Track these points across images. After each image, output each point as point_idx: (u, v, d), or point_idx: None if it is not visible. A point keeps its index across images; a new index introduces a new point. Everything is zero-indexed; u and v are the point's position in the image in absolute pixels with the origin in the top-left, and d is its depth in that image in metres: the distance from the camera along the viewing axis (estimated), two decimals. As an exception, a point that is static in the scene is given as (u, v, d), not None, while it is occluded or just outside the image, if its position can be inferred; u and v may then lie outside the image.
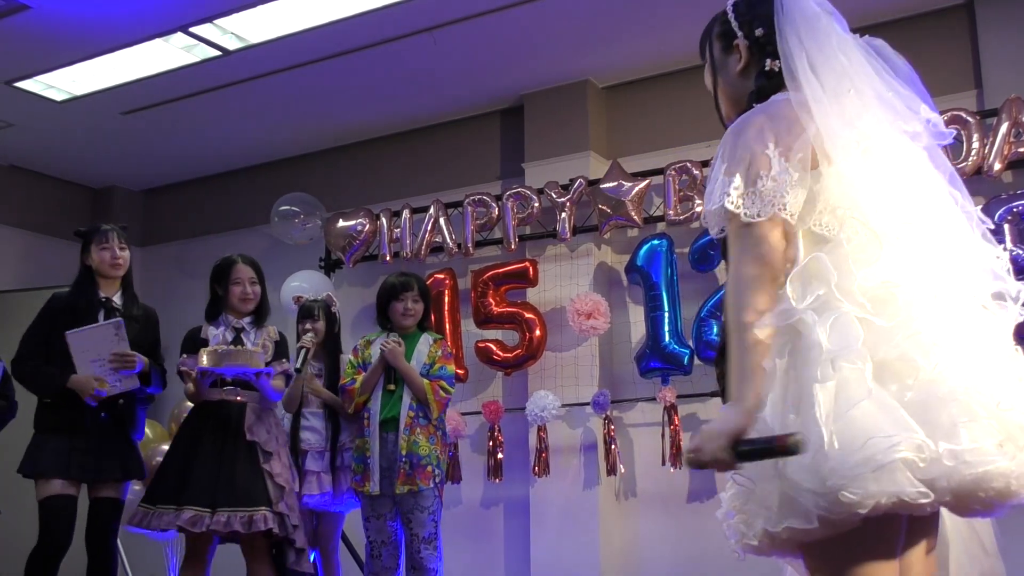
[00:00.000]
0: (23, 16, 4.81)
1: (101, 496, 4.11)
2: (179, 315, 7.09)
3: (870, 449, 1.53)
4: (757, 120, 1.83)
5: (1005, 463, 1.57)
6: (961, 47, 4.85)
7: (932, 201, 1.82)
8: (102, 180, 7.41)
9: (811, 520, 1.57)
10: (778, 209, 1.73)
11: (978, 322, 1.74)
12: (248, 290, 4.19)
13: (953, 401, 1.59)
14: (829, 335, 1.64)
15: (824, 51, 1.89)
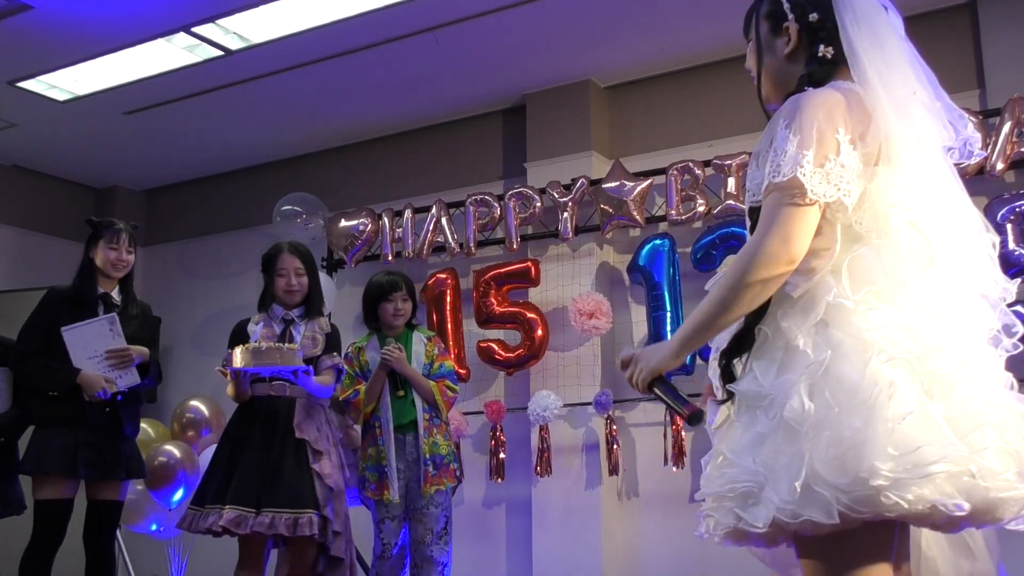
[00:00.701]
0: (25, 16, 4.81)
1: (101, 498, 4.11)
2: (180, 315, 7.13)
3: (920, 456, 1.55)
4: (829, 100, 1.79)
5: (1019, 491, 1.61)
6: (964, 47, 4.85)
7: (964, 221, 1.83)
8: (104, 180, 7.42)
9: (832, 515, 1.58)
10: (843, 194, 1.72)
11: (986, 353, 1.77)
12: (293, 281, 4.00)
13: (983, 424, 1.61)
14: (879, 334, 1.65)
15: (884, 49, 1.87)
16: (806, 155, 1.72)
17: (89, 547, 4.11)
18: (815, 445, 1.61)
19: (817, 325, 1.72)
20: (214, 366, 6.94)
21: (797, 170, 1.71)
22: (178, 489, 5.35)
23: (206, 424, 5.86)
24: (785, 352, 1.74)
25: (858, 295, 1.70)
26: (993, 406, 1.66)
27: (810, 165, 1.71)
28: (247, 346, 3.76)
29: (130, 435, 4.22)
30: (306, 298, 4.04)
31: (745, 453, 1.72)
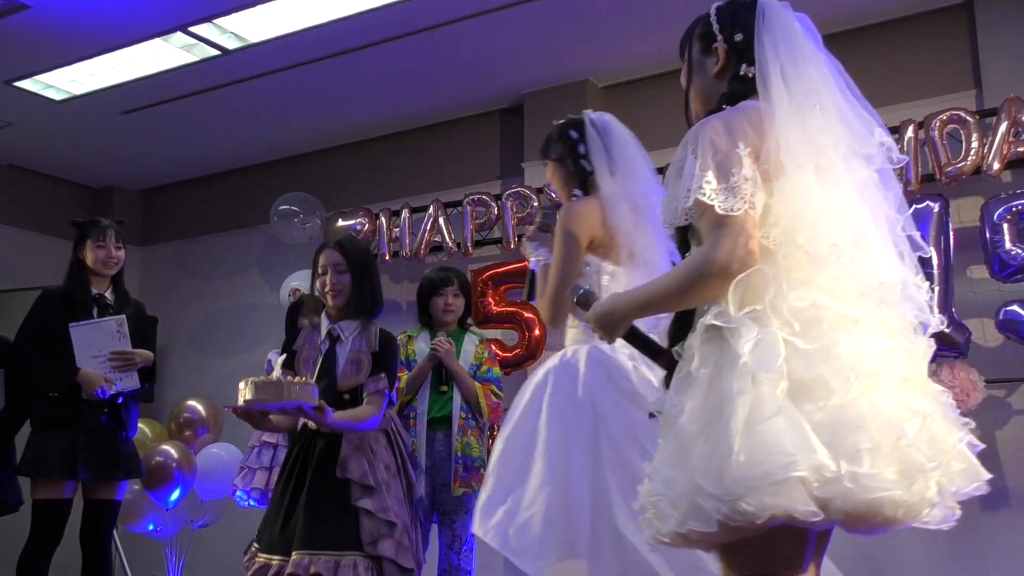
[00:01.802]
0: (23, 15, 4.81)
1: (98, 498, 4.11)
2: (177, 314, 7.13)
3: (770, 464, 1.59)
4: (729, 119, 1.87)
5: (899, 492, 1.63)
6: (960, 47, 4.85)
7: (872, 226, 1.87)
8: (101, 179, 7.42)
9: (711, 524, 1.64)
10: (749, 207, 1.79)
11: (899, 353, 1.79)
12: (332, 279, 3.33)
13: (860, 428, 1.64)
14: (754, 350, 1.71)
15: (797, 64, 1.93)
16: (706, 176, 1.80)
17: (86, 547, 4.12)
18: (699, 459, 1.68)
19: (707, 343, 1.80)
20: (211, 366, 7.01)
21: (699, 192, 1.80)
22: (175, 489, 5.34)
23: (203, 424, 5.86)
24: (689, 370, 1.82)
25: (742, 312, 1.76)
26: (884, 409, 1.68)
27: (710, 185, 1.79)
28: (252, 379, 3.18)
29: (128, 436, 4.23)
30: (350, 300, 3.36)
31: (661, 468, 1.79)
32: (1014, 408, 4.47)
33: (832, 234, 1.80)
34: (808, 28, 2.02)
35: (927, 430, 1.71)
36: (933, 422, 1.75)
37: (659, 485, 1.77)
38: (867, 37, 5.08)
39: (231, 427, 6.03)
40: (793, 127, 1.86)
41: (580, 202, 2.87)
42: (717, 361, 1.76)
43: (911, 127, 4.51)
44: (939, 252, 4.32)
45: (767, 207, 1.82)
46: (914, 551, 4.59)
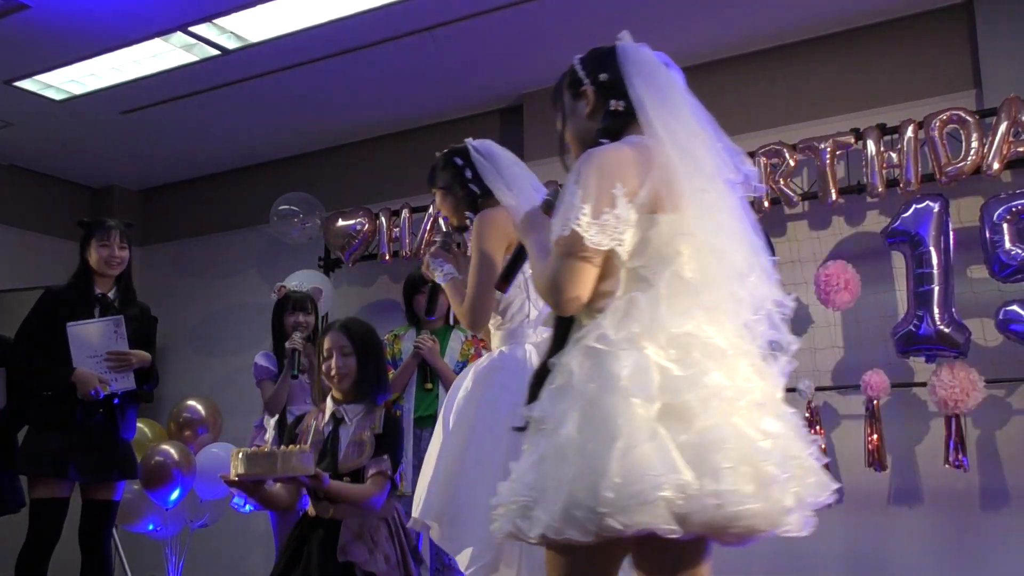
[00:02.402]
0: (22, 15, 4.80)
1: (95, 498, 4.11)
2: (177, 314, 7.13)
3: (641, 485, 1.72)
4: (611, 156, 1.99)
5: (756, 504, 1.76)
6: (960, 47, 4.85)
7: (745, 251, 2.02)
8: (101, 179, 7.42)
9: (588, 535, 1.77)
10: (616, 244, 1.93)
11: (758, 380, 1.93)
12: (338, 363, 3.28)
13: (720, 449, 1.78)
14: (632, 374, 1.84)
15: (662, 98, 2.06)
16: (584, 209, 1.93)
17: (85, 547, 4.12)
18: (577, 471, 1.79)
19: (587, 361, 1.91)
20: (211, 366, 7.01)
21: (576, 224, 1.93)
22: (174, 489, 5.34)
23: (202, 424, 5.86)
24: (566, 383, 1.93)
25: (620, 335, 1.89)
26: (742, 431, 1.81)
27: (587, 218, 1.92)
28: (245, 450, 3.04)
29: (126, 437, 4.23)
30: (356, 383, 3.29)
31: (528, 472, 1.90)
32: (1014, 408, 4.47)
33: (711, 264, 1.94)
34: (671, 66, 2.16)
35: (780, 448, 1.84)
36: (787, 440, 1.89)
37: (525, 488, 1.89)
38: (867, 37, 5.08)
39: (231, 427, 6.04)
40: (681, 162, 1.98)
41: (493, 211, 3.00)
42: (598, 379, 1.87)
43: (911, 127, 4.51)
44: (939, 252, 4.32)
45: (647, 239, 1.95)
46: (914, 551, 4.59)
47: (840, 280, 4.51)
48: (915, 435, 4.65)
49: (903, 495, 4.65)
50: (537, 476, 1.87)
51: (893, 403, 4.62)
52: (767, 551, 4.91)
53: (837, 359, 4.87)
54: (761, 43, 5.32)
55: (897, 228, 4.44)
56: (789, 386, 4.69)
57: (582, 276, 1.96)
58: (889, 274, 4.77)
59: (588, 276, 1.96)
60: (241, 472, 2.94)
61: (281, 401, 4.40)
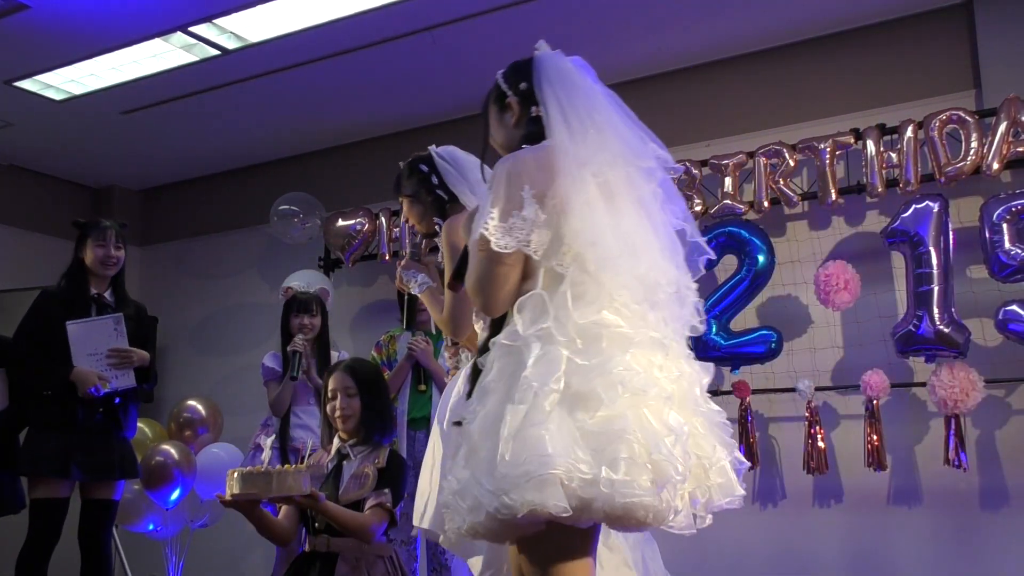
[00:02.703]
0: (22, 16, 4.81)
1: (95, 498, 4.12)
2: (178, 314, 7.13)
3: (530, 464, 1.79)
4: (520, 162, 2.09)
5: (649, 499, 1.82)
6: (960, 47, 4.86)
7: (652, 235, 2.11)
8: (101, 179, 7.42)
9: (481, 515, 1.85)
10: (522, 245, 2.02)
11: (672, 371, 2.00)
12: (342, 404, 3.30)
13: (622, 439, 1.83)
14: (537, 364, 1.92)
15: (572, 97, 2.17)
16: (492, 212, 2.03)
17: (84, 547, 4.13)
18: (482, 460, 1.90)
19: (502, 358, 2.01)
20: (211, 366, 7.01)
21: (484, 228, 2.04)
22: (175, 489, 5.34)
23: (203, 424, 5.86)
24: (486, 381, 2.03)
25: (530, 331, 1.97)
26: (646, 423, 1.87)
27: (495, 222, 2.02)
28: (240, 470, 3.02)
29: (126, 437, 4.23)
30: (360, 424, 3.31)
31: (455, 469, 2.00)
32: (1013, 408, 4.48)
33: (611, 248, 2.01)
34: (583, 66, 2.30)
35: (682, 446, 1.88)
36: (694, 439, 1.96)
37: (453, 483, 1.98)
38: (867, 37, 5.08)
39: (231, 427, 6.04)
40: (571, 157, 2.06)
41: (461, 215, 3.03)
42: (511, 375, 1.95)
43: (910, 127, 4.51)
44: (938, 252, 4.32)
45: (560, 236, 2.03)
46: (914, 551, 4.59)
47: (840, 280, 4.51)
48: (915, 435, 4.66)
49: (903, 495, 4.65)
50: (459, 472, 1.97)
51: (893, 403, 4.62)
52: (767, 551, 4.92)
53: (837, 359, 4.87)
54: (761, 43, 5.32)
55: (897, 228, 4.44)
56: (788, 386, 4.74)
57: (499, 277, 2.06)
58: (889, 274, 4.78)
59: (504, 277, 2.06)
60: (236, 492, 2.92)
61: (284, 403, 4.45)
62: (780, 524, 4.91)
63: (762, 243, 4.77)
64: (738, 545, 4.97)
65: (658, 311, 2.06)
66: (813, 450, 4.59)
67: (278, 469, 2.95)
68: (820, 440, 4.61)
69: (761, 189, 4.84)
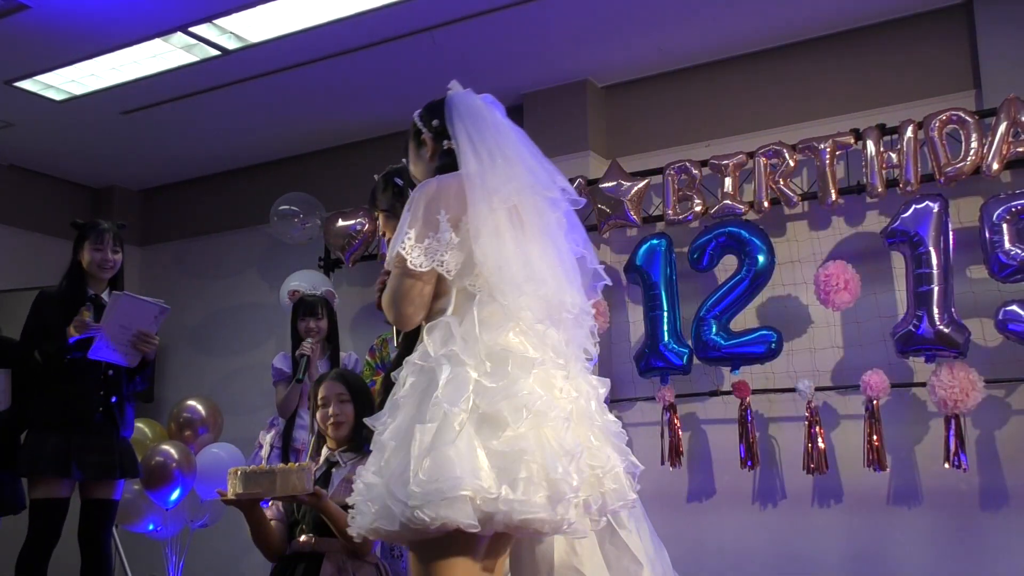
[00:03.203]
0: (23, 16, 4.81)
1: (95, 498, 4.12)
2: (178, 314, 7.11)
3: (442, 484, 1.94)
4: (437, 187, 2.25)
5: (544, 514, 1.99)
6: (960, 47, 4.86)
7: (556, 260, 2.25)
8: (101, 180, 7.42)
9: (395, 525, 2.01)
10: (437, 265, 2.16)
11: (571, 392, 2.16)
12: (335, 410, 3.30)
13: (522, 460, 1.99)
14: (447, 385, 2.06)
15: (481, 132, 2.32)
16: (409, 234, 2.18)
17: (84, 546, 4.12)
18: (393, 470, 2.04)
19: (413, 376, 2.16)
20: (211, 366, 7.01)
21: (401, 247, 2.18)
22: (175, 489, 5.34)
23: (203, 424, 5.86)
24: (397, 396, 2.18)
25: (440, 352, 2.11)
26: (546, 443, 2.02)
27: (411, 242, 2.17)
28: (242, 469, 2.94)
29: (125, 436, 4.23)
30: (353, 431, 3.31)
31: (365, 473, 2.14)
32: (1013, 408, 4.48)
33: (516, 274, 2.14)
34: (492, 103, 2.46)
35: (576, 464, 2.06)
36: (589, 452, 2.14)
37: (362, 486, 2.12)
38: (867, 37, 5.08)
39: (231, 427, 6.04)
40: (478, 186, 2.21)
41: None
42: (422, 392, 2.10)
43: (910, 127, 4.51)
44: (938, 252, 4.33)
45: (471, 259, 2.16)
46: (914, 551, 4.59)
47: (840, 280, 4.51)
48: (915, 435, 4.66)
49: (903, 495, 4.65)
50: (369, 477, 2.11)
51: (893, 403, 4.62)
52: (767, 550, 4.92)
53: (837, 359, 4.87)
54: (760, 44, 5.32)
55: (897, 228, 4.44)
56: (788, 386, 4.74)
57: (412, 294, 2.21)
58: (889, 274, 4.78)
59: (417, 294, 2.21)
60: (240, 491, 2.87)
61: (290, 406, 4.46)
62: (780, 524, 4.91)
63: (762, 243, 4.77)
64: (738, 545, 4.97)
65: (561, 332, 2.21)
66: (813, 450, 4.59)
67: (281, 467, 2.92)
68: (820, 440, 4.61)
69: (761, 189, 4.84)
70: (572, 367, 2.22)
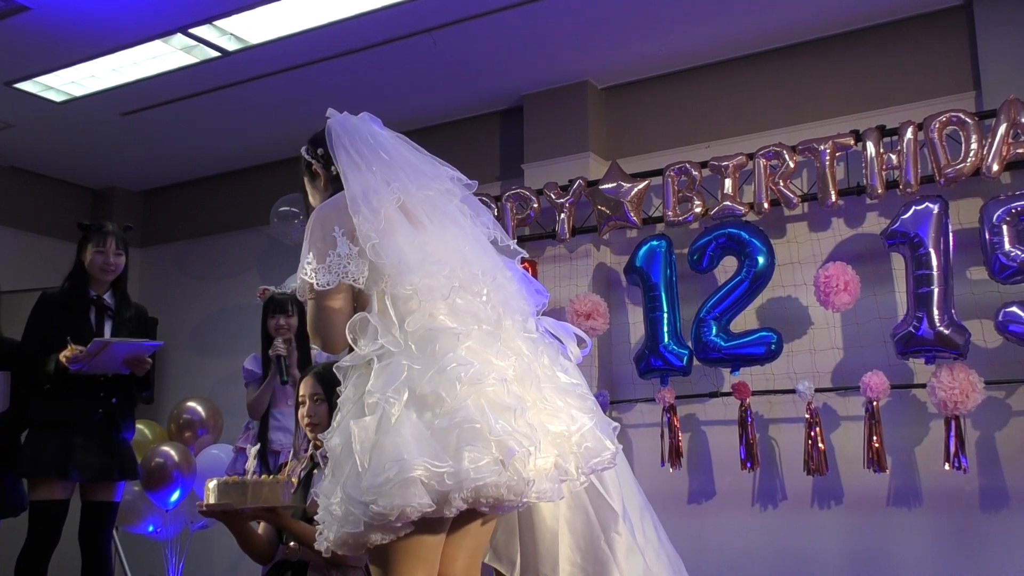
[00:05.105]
0: (23, 17, 4.81)
1: (95, 500, 4.11)
2: (178, 315, 7.13)
3: (391, 471, 1.94)
4: (327, 210, 2.32)
5: (495, 478, 1.99)
6: (960, 48, 4.86)
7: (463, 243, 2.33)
8: (102, 181, 7.42)
9: (360, 526, 2.00)
10: (343, 278, 2.21)
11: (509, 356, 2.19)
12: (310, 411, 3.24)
13: (463, 429, 2.01)
14: (377, 377, 2.09)
15: (357, 145, 2.40)
16: (308, 258, 2.24)
17: (84, 548, 4.12)
18: (347, 474, 2.04)
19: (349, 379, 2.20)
20: (211, 367, 7.01)
21: (303, 274, 2.23)
22: (175, 490, 5.35)
23: (202, 425, 5.86)
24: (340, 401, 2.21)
25: (368, 349, 2.14)
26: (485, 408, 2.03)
27: (311, 265, 2.23)
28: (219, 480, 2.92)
29: (125, 437, 4.22)
30: None
31: (325, 486, 2.14)
32: (1013, 409, 4.48)
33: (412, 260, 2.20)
34: (370, 119, 2.55)
35: (524, 420, 2.07)
36: (543, 410, 2.15)
37: (323, 499, 2.13)
38: (866, 39, 5.09)
39: (231, 428, 6.04)
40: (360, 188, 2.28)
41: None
42: (360, 392, 2.12)
43: (910, 129, 4.51)
44: (938, 253, 4.33)
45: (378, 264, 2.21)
46: (914, 552, 4.59)
47: (840, 281, 4.51)
48: (915, 436, 4.66)
49: (903, 496, 4.65)
50: (328, 487, 2.12)
51: (893, 404, 4.62)
52: (767, 551, 4.92)
53: (837, 360, 4.87)
54: (761, 45, 5.32)
55: (897, 230, 4.44)
56: (788, 387, 4.74)
57: (329, 315, 2.25)
58: (889, 275, 4.78)
59: (334, 314, 2.25)
60: (212, 502, 2.84)
61: (261, 406, 4.38)
62: (780, 525, 4.91)
63: (762, 244, 4.77)
64: (739, 546, 4.97)
65: (489, 302, 2.25)
66: (813, 451, 4.59)
67: (254, 479, 2.87)
68: (820, 441, 4.61)
69: (761, 191, 4.84)
70: (507, 332, 2.24)
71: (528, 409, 2.11)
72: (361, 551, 2.12)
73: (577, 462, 2.18)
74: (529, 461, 2.04)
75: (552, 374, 2.28)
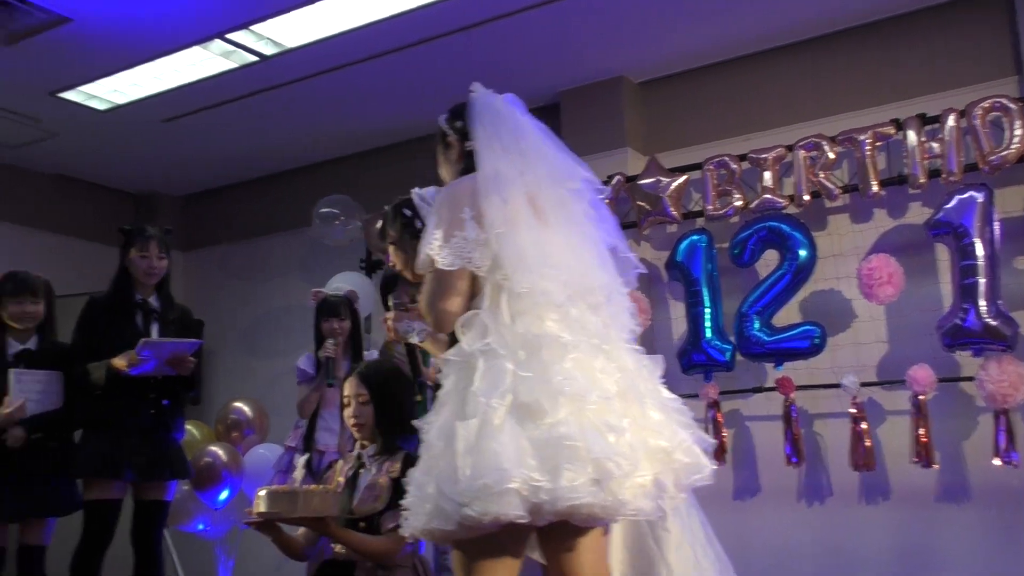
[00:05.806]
0: (65, 28, 4.89)
1: (148, 498, 4.18)
2: (223, 317, 7.22)
3: (489, 478, 1.97)
4: (459, 187, 2.32)
5: (590, 499, 2.00)
6: (1000, 33, 4.77)
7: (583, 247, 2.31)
8: (144, 186, 7.52)
9: (451, 524, 2.03)
10: (466, 263, 2.21)
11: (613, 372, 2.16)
12: (355, 412, 3.24)
13: (562, 445, 2.00)
14: (483, 378, 2.09)
15: (497, 128, 2.38)
16: (435, 235, 2.25)
17: (137, 547, 4.19)
18: (442, 469, 2.06)
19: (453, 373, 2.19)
20: (257, 367, 7.08)
21: (429, 249, 2.24)
22: (223, 489, 5.42)
23: (249, 425, 5.93)
24: (440, 394, 2.22)
25: (475, 346, 2.15)
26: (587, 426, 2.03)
27: (438, 243, 2.23)
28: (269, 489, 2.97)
29: (176, 437, 4.29)
30: (375, 431, 3.25)
31: (416, 475, 2.18)
32: (1064, 401, 4.39)
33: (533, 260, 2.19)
34: (513, 101, 2.50)
35: (627, 442, 2.06)
36: (644, 429, 2.12)
37: (414, 488, 2.16)
38: (906, 25, 5.01)
39: (277, 428, 6.10)
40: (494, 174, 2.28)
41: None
42: (463, 388, 2.12)
43: (952, 116, 4.44)
44: (984, 243, 4.25)
45: (499, 255, 2.21)
46: (962, 548, 4.52)
47: (883, 274, 4.45)
48: (963, 430, 4.58)
49: (951, 491, 4.58)
50: (420, 478, 2.14)
51: (940, 398, 4.55)
52: (813, 548, 4.88)
53: (882, 354, 4.81)
54: (798, 35, 5.26)
55: (940, 219, 4.37)
56: (832, 382, 4.69)
57: (446, 294, 2.24)
58: (933, 267, 4.71)
59: (452, 293, 2.24)
60: (262, 510, 2.87)
61: (310, 407, 4.46)
62: (826, 521, 4.86)
63: (803, 237, 4.72)
64: (783, 542, 4.94)
65: (599, 314, 2.24)
66: (859, 446, 4.54)
67: (304, 489, 2.90)
68: (867, 437, 4.55)
69: (801, 182, 4.79)
70: (614, 347, 2.23)
71: (628, 429, 2.10)
72: (446, 544, 2.16)
73: (676, 478, 2.18)
74: (627, 481, 2.05)
75: (654, 388, 2.27)
